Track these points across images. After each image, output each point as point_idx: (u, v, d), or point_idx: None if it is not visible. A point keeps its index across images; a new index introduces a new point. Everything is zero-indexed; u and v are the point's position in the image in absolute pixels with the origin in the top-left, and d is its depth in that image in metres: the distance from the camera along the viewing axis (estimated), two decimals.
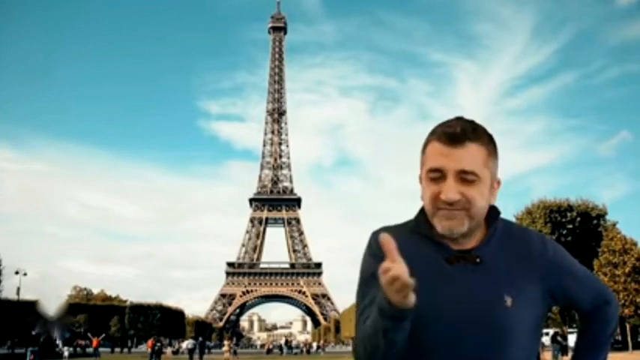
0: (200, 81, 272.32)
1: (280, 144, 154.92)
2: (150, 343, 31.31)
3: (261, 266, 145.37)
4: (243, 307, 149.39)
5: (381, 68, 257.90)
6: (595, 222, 43.42)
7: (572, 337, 27.77)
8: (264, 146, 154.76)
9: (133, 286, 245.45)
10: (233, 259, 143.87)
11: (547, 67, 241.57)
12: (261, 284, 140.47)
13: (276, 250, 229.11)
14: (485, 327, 1.19)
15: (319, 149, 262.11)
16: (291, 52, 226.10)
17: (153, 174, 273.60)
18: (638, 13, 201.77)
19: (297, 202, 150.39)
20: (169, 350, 50.93)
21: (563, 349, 25.86)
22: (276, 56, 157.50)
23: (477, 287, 1.21)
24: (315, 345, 79.55)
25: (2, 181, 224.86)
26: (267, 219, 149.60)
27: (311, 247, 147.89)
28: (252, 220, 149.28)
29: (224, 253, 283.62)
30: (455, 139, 1.19)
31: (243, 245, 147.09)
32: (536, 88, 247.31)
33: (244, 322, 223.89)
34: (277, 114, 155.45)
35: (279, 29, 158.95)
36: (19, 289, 46.42)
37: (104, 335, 48.49)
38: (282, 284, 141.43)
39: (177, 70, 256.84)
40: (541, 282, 1.27)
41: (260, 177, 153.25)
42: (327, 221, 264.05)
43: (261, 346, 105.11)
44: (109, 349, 52.13)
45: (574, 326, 40.30)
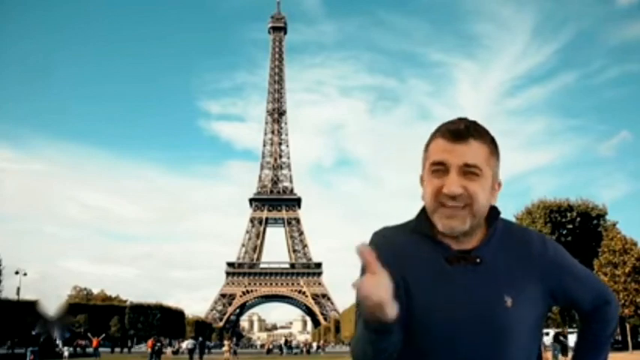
0: (200, 81, 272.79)
1: (280, 144, 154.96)
2: (150, 343, 31.31)
3: (261, 266, 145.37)
4: (243, 307, 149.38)
5: (381, 68, 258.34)
6: (595, 222, 43.44)
7: (572, 337, 27.75)
8: (264, 146, 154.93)
9: (133, 286, 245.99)
10: (233, 259, 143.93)
11: (547, 67, 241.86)
12: (261, 284, 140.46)
13: (276, 250, 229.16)
14: (485, 327, 1.19)
15: (319, 149, 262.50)
16: (291, 52, 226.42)
17: (153, 174, 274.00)
18: (638, 13, 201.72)
19: (297, 202, 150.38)
20: (169, 350, 50.92)
21: (564, 349, 25.85)
22: (276, 56, 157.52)
23: (477, 287, 1.21)
24: (315, 345, 79.48)
25: (2, 181, 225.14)
26: (267, 219, 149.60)
27: (311, 247, 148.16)
28: (252, 220, 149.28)
29: (224, 253, 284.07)
30: (458, 135, 1.21)
31: (243, 245, 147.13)
32: (537, 88, 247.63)
33: (244, 322, 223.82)
34: (277, 114, 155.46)
35: (279, 29, 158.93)
36: (19, 289, 46.48)
37: (104, 335, 48.46)
38: (282, 284, 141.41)
39: (177, 70, 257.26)
40: (541, 282, 1.27)
41: (260, 177, 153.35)
42: (327, 221, 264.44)
43: (261, 346, 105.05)
44: (109, 349, 52.13)
45: (574, 326, 40.28)
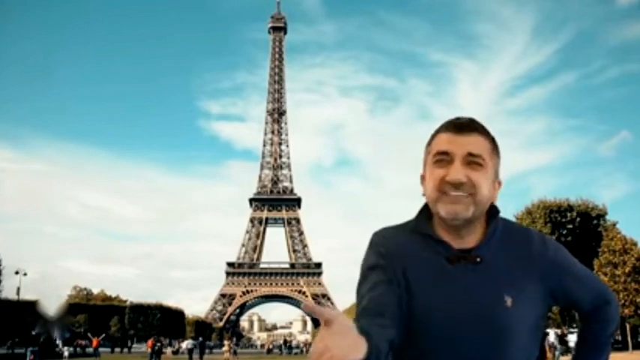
0: (200, 81, 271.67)
1: (280, 144, 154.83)
2: (150, 343, 31.30)
3: (261, 266, 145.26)
4: (243, 307, 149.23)
5: (381, 68, 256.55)
6: (595, 222, 43.48)
7: (572, 336, 27.75)
8: (264, 146, 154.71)
9: (133, 286, 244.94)
10: (233, 259, 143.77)
11: (547, 67, 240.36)
12: (261, 284, 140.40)
13: (276, 250, 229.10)
14: (485, 327, 1.19)
15: (319, 149, 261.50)
16: (291, 52, 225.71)
17: (153, 174, 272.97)
18: (639, 13, 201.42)
19: (297, 202, 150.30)
20: (169, 350, 50.94)
21: (567, 349, 25.83)
22: (276, 56, 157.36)
23: (477, 287, 1.21)
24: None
25: (2, 181, 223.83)
26: (267, 219, 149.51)
27: (311, 247, 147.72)
28: (252, 220, 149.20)
29: (224, 253, 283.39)
30: (462, 127, 1.24)
31: (243, 245, 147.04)
32: (537, 88, 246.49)
33: (244, 322, 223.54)
34: (277, 114, 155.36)
35: (279, 29, 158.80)
36: (19, 289, 46.56)
37: (104, 335, 48.41)
38: (282, 284, 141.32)
39: (177, 70, 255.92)
40: (541, 282, 1.26)
41: (260, 177, 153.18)
42: (327, 221, 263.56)
43: (261, 346, 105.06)
44: (109, 349, 52.10)
45: (574, 326, 40.29)
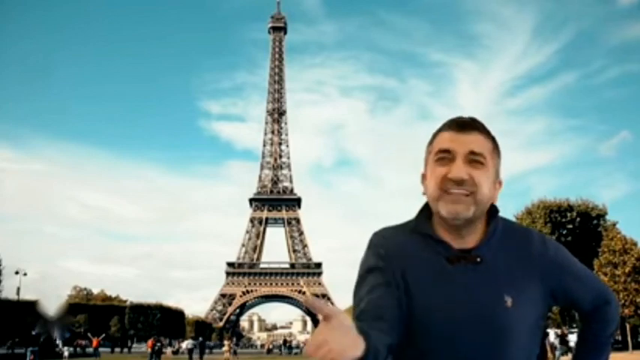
0: (200, 81, 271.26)
1: (280, 144, 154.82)
2: (150, 343, 31.29)
3: (261, 266, 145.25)
4: (243, 307, 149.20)
5: (381, 68, 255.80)
6: (595, 222, 43.48)
7: (572, 336, 27.74)
8: (264, 146, 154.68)
9: (133, 286, 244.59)
10: (233, 259, 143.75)
11: (547, 67, 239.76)
12: (261, 284, 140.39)
13: (276, 250, 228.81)
14: (485, 327, 1.19)
15: (319, 149, 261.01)
16: (291, 52, 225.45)
17: (153, 174, 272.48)
18: (639, 13, 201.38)
19: (297, 202, 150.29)
20: (169, 350, 50.93)
21: (568, 350, 25.81)
22: (276, 56, 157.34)
23: (477, 287, 1.21)
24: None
25: (2, 181, 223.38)
26: (267, 219, 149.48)
27: (311, 247, 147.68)
28: (252, 220, 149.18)
29: (224, 253, 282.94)
30: (465, 126, 1.25)
31: (243, 245, 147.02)
32: (537, 88, 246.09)
33: (244, 322, 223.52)
34: (277, 114, 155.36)
35: (279, 29, 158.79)
36: (19, 289, 46.56)
37: (104, 335, 48.42)
38: (282, 284, 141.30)
39: (177, 70, 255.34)
40: (541, 282, 1.26)
41: (260, 177, 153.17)
42: (327, 221, 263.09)
43: (262, 346, 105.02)
44: (109, 349, 52.10)
45: (574, 326, 40.29)
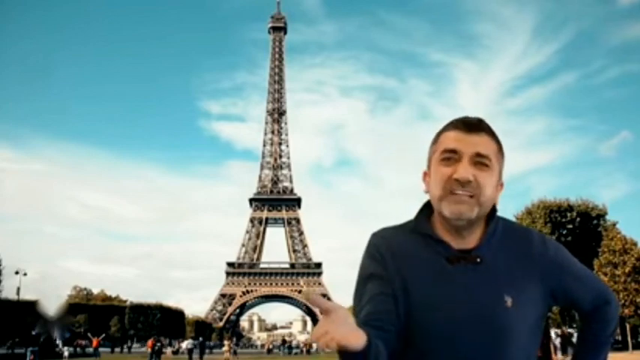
0: (200, 81, 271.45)
1: (280, 144, 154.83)
2: (150, 343, 31.30)
3: (261, 266, 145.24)
4: (243, 307, 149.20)
5: (381, 68, 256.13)
6: (595, 222, 43.43)
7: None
8: (264, 146, 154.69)
9: (133, 286, 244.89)
10: (233, 259, 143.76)
11: (548, 67, 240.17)
12: (261, 284, 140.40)
13: (276, 250, 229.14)
14: (485, 327, 1.19)
15: (319, 149, 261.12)
16: (291, 52, 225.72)
17: (153, 174, 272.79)
18: (639, 13, 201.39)
19: (297, 202, 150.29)
20: (169, 350, 50.94)
21: (564, 349, 25.83)
22: (276, 56, 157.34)
23: (477, 287, 1.21)
24: (315, 345, 79.38)
25: (2, 181, 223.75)
26: (267, 219, 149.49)
27: (311, 247, 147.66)
28: (252, 220, 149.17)
29: (224, 253, 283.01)
30: (471, 126, 1.24)
31: (243, 245, 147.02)
32: (537, 88, 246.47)
33: (244, 322, 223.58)
34: (277, 114, 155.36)
35: (279, 29, 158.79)
36: (19, 289, 46.55)
37: (104, 335, 48.45)
38: (282, 284, 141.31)
39: (177, 70, 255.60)
40: (541, 282, 1.26)
41: (260, 177, 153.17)
42: (327, 221, 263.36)
43: (262, 346, 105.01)
44: (109, 349, 52.13)
45: (574, 326, 40.30)
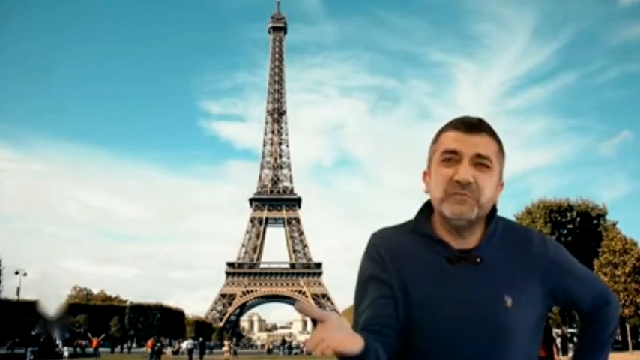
0: (200, 81, 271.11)
1: (280, 144, 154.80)
2: (150, 343, 31.31)
3: (261, 266, 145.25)
4: (243, 307, 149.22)
5: (381, 68, 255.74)
6: (595, 222, 43.48)
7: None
8: (264, 146, 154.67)
9: (133, 286, 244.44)
10: (233, 259, 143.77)
11: (548, 67, 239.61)
12: (261, 284, 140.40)
13: (276, 250, 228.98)
14: (485, 327, 1.18)
15: (319, 149, 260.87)
16: (291, 52, 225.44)
17: (153, 174, 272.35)
18: (639, 13, 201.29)
19: (297, 202, 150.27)
20: (169, 350, 50.93)
21: (564, 349, 25.84)
22: (276, 56, 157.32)
23: (477, 287, 1.21)
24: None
25: (2, 181, 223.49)
26: (267, 219, 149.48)
27: (311, 247, 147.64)
28: (252, 220, 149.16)
29: (224, 253, 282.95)
30: (472, 127, 1.23)
31: (243, 245, 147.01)
32: (537, 88, 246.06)
33: (244, 322, 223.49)
34: (277, 114, 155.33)
35: (279, 29, 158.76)
36: (19, 289, 46.58)
37: (104, 335, 48.43)
38: (282, 284, 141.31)
39: (177, 70, 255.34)
40: (542, 282, 1.26)
41: (260, 177, 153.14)
42: (327, 221, 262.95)
43: (262, 346, 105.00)
44: (109, 349, 52.12)
45: (574, 326, 40.29)
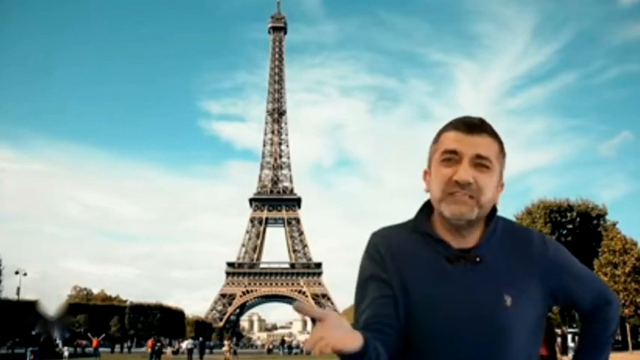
0: (200, 81, 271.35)
1: (280, 144, 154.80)
2: (150, 343, 31.30)
3: (261, 266, 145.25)
4: (243, 307, 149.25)
5: (381, 68, 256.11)
6: (595, 222, 43.51)
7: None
8: (264, 146, 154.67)
9: (133, 286, 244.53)
10: (233, 259, 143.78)
11: (548, 67, 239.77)
12: (261, 284, 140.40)
13: (276, 250, 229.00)
14: (485, 327, 1.18)
15: (319, 149, 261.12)
16: (291, 52, 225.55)
17: (153, 174, 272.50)
18: (639, 13, 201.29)
19: (297, 202, 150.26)
20: (169, 350, 50.93)
21: (564, 349, 25.81)
22: (276, 56, 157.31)
23: (476, 287, 1.20)
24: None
25: (2, 181, 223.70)
26: (267, 219, 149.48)
27: (311, 247, 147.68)
28: (252, 220, 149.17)
29: (224, 253, 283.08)
30: (473, 127, 1.23)
31: (243, 245, 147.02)
32: (537, 88, 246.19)
33: (244, 322, 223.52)
34: (277, 114, 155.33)
35: (279, 29, 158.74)
36: (19, 289, 46.60)
37: (104, 335, 48.41)
38: (282, 284, 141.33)
39: (177, 70, 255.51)
40: (541, 282, 1.26)
41: (260, 177, 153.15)
42: (327, 221, 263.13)
43: (262, 346, 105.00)
44: (109, 349, 52.12)
45: (574, 326, 40.32)
